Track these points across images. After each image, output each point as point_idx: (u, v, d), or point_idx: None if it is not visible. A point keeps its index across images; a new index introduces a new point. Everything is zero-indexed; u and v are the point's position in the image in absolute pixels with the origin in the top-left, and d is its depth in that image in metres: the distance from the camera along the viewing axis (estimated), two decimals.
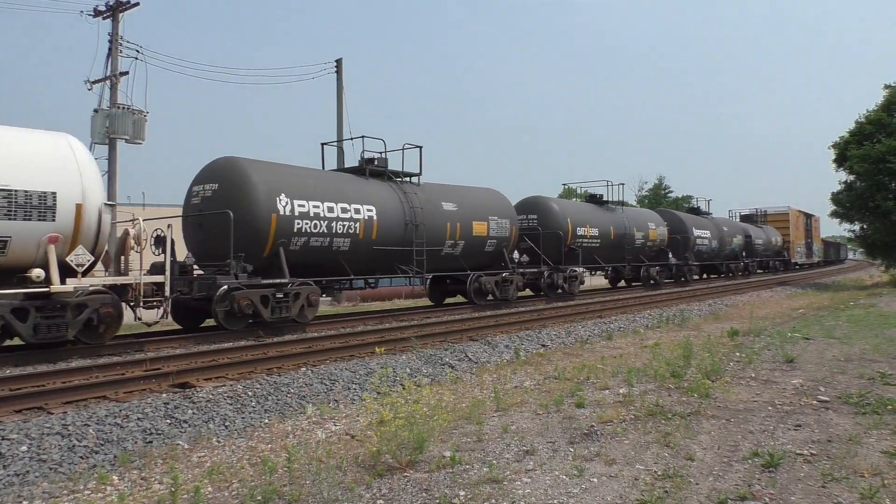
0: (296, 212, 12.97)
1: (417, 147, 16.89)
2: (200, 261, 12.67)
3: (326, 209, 13.58)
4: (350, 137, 16.17)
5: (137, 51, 21.33)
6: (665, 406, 6.73)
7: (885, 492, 4.30)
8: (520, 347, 11.86)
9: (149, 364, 8.91)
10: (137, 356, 9.51)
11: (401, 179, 16.27)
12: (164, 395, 7.50)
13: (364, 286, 16.08)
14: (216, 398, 7.54)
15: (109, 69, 21.22)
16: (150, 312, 11.04)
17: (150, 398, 7.37)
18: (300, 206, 13.07)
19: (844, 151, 31.15)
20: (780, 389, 7.58)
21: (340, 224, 13.80)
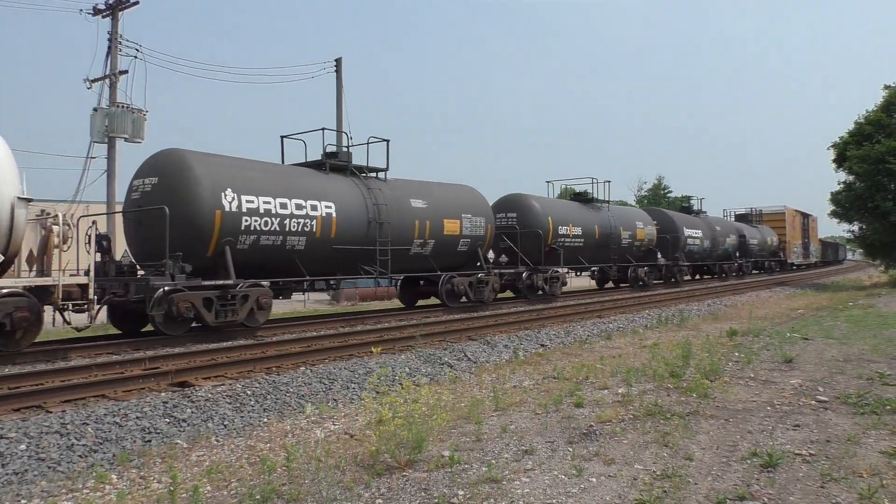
0: (244, 208, 12.11)
1: (384, 140, 16.20)
2: (141, 260, 11.96)
3: (279, 206, 12.71)
4: (310, 130, 15.23)
5: (137, 49, 21.31)
6: (664, 406, 6.74)
7: (884, 492, 4.31)
8: (519, 347, 11.86)
9: (148, 363, 8.92)
10: (136, 355, 9.50)
11: (365, 175, 15.50)
12: (163, 394, 7.50)
13: (326, 288, 15.34)
14: (215, 397, 7.54)
15: (109, 68, 21.19)
16: (83, 316, 10.34)
17: (149, 397, 7.37)
18: (249, 203, 12.21)
19: (844, 152, 31.19)
20: (779, 389, 7.58)
21: (295, 222, 12.96)
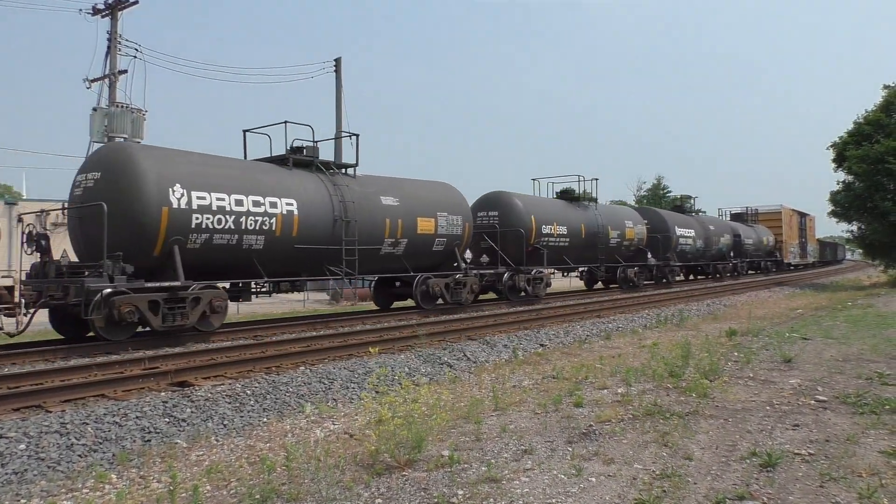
0: (194, 205, 11.37)
1: (354, 135, 15.50)
2: (84, 260, 11.29)
3: (234, 202, 11.96)
4: (273, 123, 14.32)
5: (136, 49, 21.33)
6: (663, 406, 6.74)
7: (883, 491, 4.31)
8: (518, 347, 11.87)
9: (147, 363, 8.92)
10: (136, 354, 9.51)
11: (333, 171, 14.74)
12: (163, 394, 7.50)
13: (291, 289, 14.47)
14: (215, 397, 7.54)
15: (108, 67, 21.21)
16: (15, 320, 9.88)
17: (149, 397, 7.37)
18: (200, 199, 11.47)
19: (843, 152, 31.22)
20: (779, 389, 7.59)
21: (252, 220, 12.22)
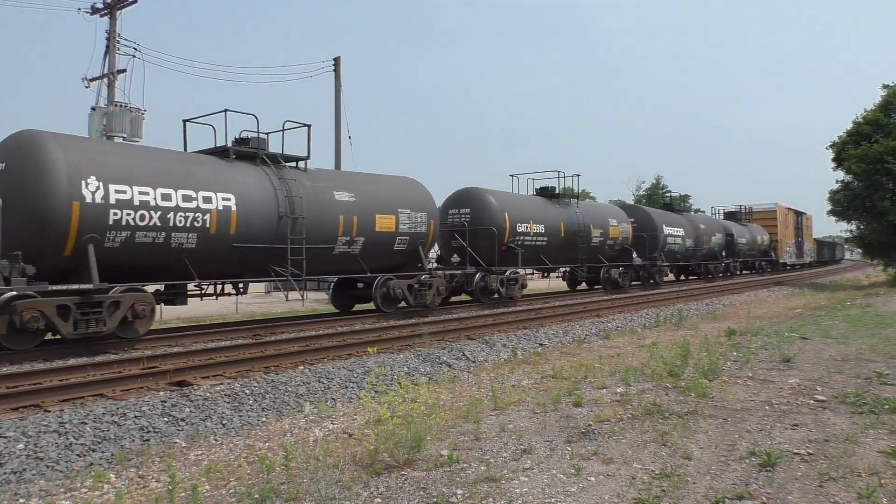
0: (112, 199, 10.34)
1: (305, 126, 14.36)
2: None
3: (160, 197, 10.96)
4: (213, 112, 13.27)
5: (135, 48, 21.31)
6: (662, 405, 6.74)
7: (882, 491, 4.31)
8: (517, 346, 11.87)
9: (146, 362, 8.92)
10: (134, 354, 9.50)
11: (280, 164, 13.65)
12: (162, 394, 7.49)
13: (237, 291, 13.31)
14: (214, 396, 7.54)
15: (107, 67, 21.19)
16: None
17: (148, 396, 7.36)
18: (120, 193, 10.44)
19: (842, 152, 31.23)
20: (778, 389, 7.60)
21: (182, 216, 11.23)
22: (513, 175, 22.44)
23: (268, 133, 13.88)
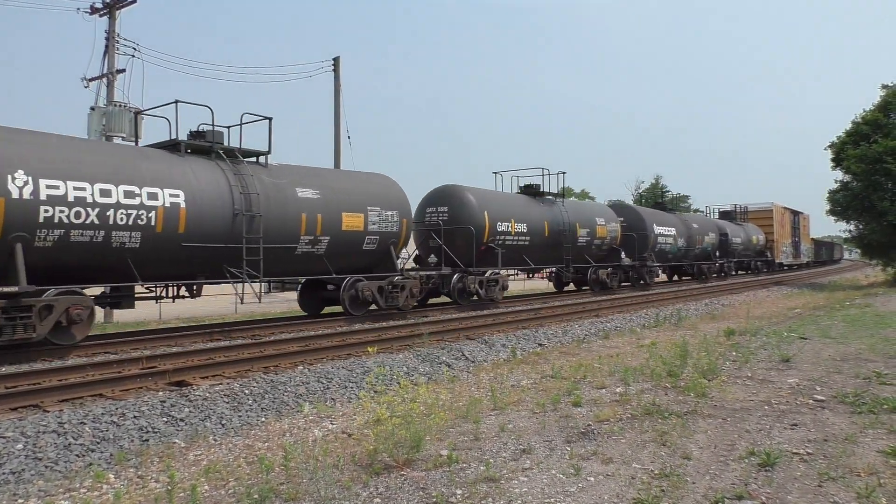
0: (42, 195, 9.67)
1: (265, 119, 13.54)
2: None
3: (98, 192, 10.23)
4: (165, 103, 12.43)
5: (134, 48, 21.29)
6: (662, 405, 6.74)
7: (882, 491, 4.32)
8: (517, 346, 11.87)
9: (145, 362, 8.91)
10: (134, 354, 9.50)
11: (238, 159, 12.87)
12: (161, 394, 7.49)
13: (191, 294, 12.51)
14: (213, 396, 7.54)
15: (106, 67, 21.17)
16: None
17: (147, 396, 7.36)
18: (51, 188, 9.81)
19: (841, 152, 31.26)
20: (777, 389, 7.60)
21: (123, 213, 10.52)
22: (496, 172, 21.76)
23: (229, 126, 13.14)
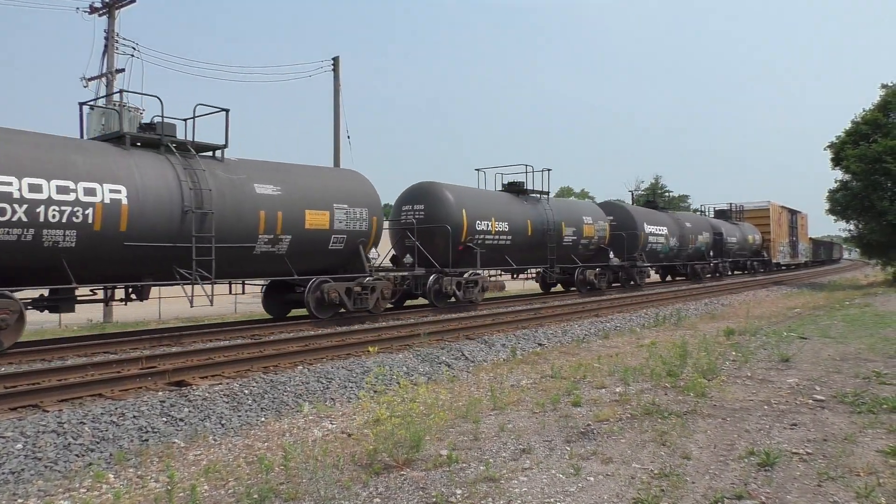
0: None
1: (223, 110, 12.71)
2: None
3: (26, 188, 9.55)
4: (111, 93, 11.20)
5: (134, 48, 21.27)
6: (661, 405, 6.75)
7: (881, 490, 4.32)
8: (516, 346, 11.87)
9: (145, 362, 8.91)
10: (133, 354, 9.49)
11: (190, 153, 12.05)
12: (161, 394, 7.49)
13: (134, 297, 11.72)
14: (212, 396, 7.53)
15: (105, 66, 21.16)
16: None
17: (147, 396, 7.35)
18: None
19: (840, 151, 31.26)
20: (776, 389, 7.60)
21: (56, 210, 9.81)
22: (478, 169, 20.87)
23: (185, 119, 12.37)
